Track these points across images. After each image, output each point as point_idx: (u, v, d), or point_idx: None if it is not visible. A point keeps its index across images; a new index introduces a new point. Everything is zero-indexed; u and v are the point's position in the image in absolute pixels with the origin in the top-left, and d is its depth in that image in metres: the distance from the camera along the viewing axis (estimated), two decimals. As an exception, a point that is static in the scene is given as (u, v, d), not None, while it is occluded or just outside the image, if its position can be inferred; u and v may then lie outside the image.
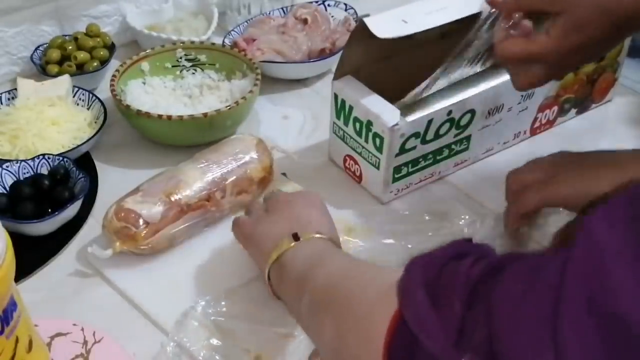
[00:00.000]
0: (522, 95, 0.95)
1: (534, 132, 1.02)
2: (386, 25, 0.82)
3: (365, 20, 0.81)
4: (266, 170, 0.88)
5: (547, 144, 1.01)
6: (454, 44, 0.89)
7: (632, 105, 1.09)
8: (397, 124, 0.84)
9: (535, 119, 1.00)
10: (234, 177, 0.85)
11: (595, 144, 1.02)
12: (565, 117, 1.05)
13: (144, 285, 0.79)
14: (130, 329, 0.75)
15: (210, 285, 0.79)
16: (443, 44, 0.89)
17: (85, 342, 0.72)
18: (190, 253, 0.83)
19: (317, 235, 0.72)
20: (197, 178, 0.83)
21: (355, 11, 1.19)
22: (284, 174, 0.94)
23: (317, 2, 1.21)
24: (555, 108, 1.02)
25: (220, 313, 0.75)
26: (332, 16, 1.19)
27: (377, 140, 0.86)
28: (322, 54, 1.12)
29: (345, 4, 1.21)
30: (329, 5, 1.21)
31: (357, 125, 0.89)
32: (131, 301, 0.78)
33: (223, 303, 0.76)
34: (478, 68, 0.93)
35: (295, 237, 0.71)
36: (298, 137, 1.03)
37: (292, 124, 1.05)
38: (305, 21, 1.16)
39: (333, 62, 1.13)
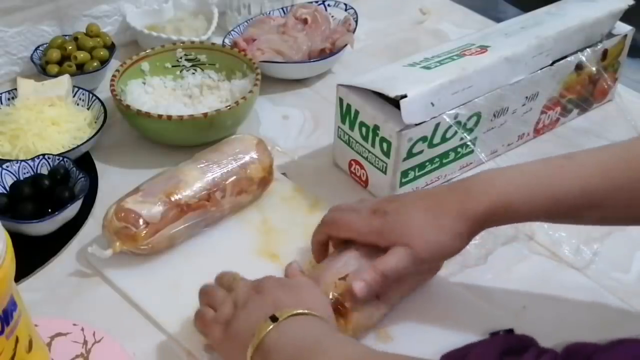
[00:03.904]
0: (526, 97, 0.95)
1: (537, 133, 1.02)
2: (416, 111, 0.83)
3: (401, 102, 0.81)
4: (266, 170, 0.88)
5: (550, 144, 1.02)
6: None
7: (632, 104, 1.09)
8: (405, 128, 0.84)
9: (539, 120, 1.00)
10: (234, 177, 0.85)
11: (596, 144, 1.02)
12: (567, 118, 1.05)
13: (144, 285, 0.79)
14: (130, 329, 0.75)
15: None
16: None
17: (85, 342, 0.72)
18: (190, 253, 0.83)
19: (300, 310, 0.63)
20: (197, 178, 0.83)
21: (355, 11, 1.19)
22: (284, 174, 0.94)
23: (317, 2, 1.21)
24: (558, 109, 1.02)
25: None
26: (332, 16, 1.19)
27: (385, 145, 0.86)
28: (322, 54, 1.12)
29: (345, 4, 1.20)
30: (329, 5, 1.21)
31: (364, 129, 0.88)
32: (131, 301, 0.78)
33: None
34: None
35: (274, 319, 0.62)
36: (298, 137, 1.02)
37: (292, 124, 1.05)
38: (305, 21, 1.16)
39: (333, 62, 1.14)
